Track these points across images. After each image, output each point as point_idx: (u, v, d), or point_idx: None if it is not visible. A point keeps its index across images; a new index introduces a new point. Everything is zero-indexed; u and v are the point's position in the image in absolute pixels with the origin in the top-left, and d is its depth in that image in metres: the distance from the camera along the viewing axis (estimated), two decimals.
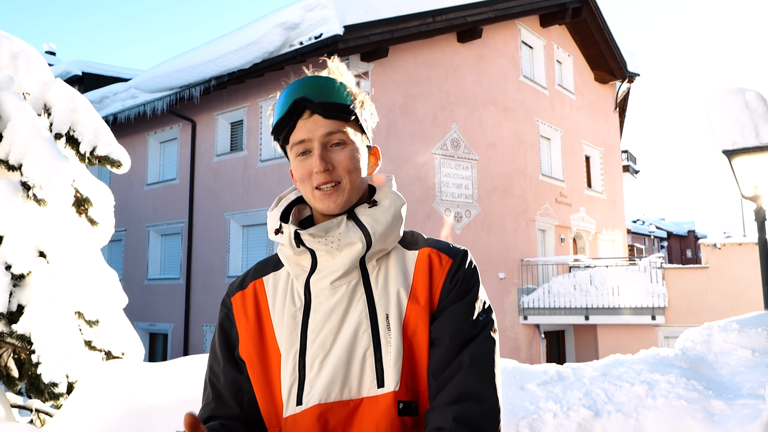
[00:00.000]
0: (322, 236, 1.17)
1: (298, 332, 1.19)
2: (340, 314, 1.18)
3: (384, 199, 1.24)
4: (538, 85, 17.19)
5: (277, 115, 1.22)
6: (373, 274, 1.21)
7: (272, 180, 13.36)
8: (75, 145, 4.71)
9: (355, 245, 1.18)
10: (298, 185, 1.23)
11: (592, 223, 19.11)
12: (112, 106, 15.78)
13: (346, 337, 1.16)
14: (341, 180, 1.18)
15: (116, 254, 16.46)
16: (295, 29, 12.10)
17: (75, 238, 4.53)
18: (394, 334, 1.15)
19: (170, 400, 3.39)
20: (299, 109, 1.17)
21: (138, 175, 16.28)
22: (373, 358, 1.15)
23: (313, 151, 1.17)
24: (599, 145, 20.30)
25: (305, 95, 1.17)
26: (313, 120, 1.18)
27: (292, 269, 1.24)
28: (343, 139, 1.19)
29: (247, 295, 1.28)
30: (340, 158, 1.18)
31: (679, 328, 14.09)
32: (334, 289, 1.19)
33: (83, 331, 4.33)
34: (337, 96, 1.19)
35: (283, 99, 1.21)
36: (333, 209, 1.18)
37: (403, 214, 1.25)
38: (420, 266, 1.22)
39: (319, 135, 1.17)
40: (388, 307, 1.17)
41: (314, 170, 1.16)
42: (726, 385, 4.68)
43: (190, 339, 14.49)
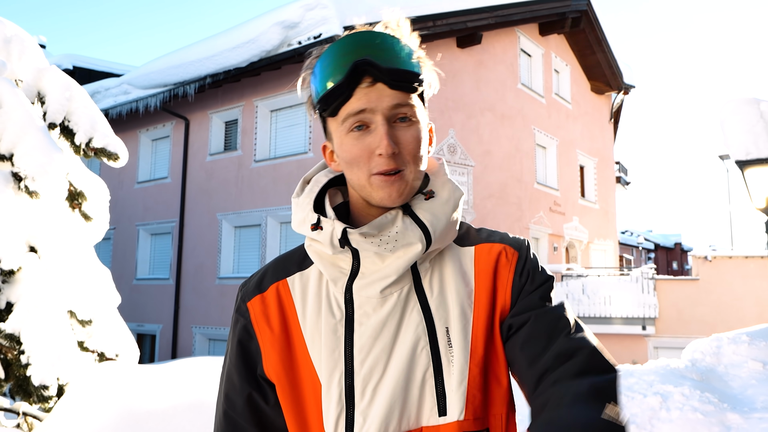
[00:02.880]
0: (375, 235, 0.96)
1: (341, 350, 0.98)
2: (393, 329, 0.97)
3: (442, 189, 1.03)
4: (535, 93, 17.13)
5: (326, 78, 0.96)
6: (426, 278, 1.01)
7: (266, 181, 13.16)
8: (70, 136, 4.52)
9: (413, 246, 0.97)
10: (344, 168, 1.00)
11: (584, 233, 19.07)
12: (104, 101, 15.52)
13: (402, 356, 0.96)
14: (406, 167, 0.96)
15: (105, 253, 16.18)
16: (294, 28, 11.94)
17: (68, 233, 4.33)
18: (457, 351, 0.96)
19: (168, 405, 3.20)
20: (359, 73, 0.93)
21: (129, 172, 16.02)
22: (434, 380, 0.96)
23: (375, 127, 0.94)
24: (594, 155, 20.29)
25: (368, 58, 0.93)
26: (376, 89, 0.94)
27: (328, 271, 1.02)
28: (410, 115, 0.96)
29: (268, 300, 1.05)
30: (407, 139, 0.96)
31: (669, 338, 14.11)
32: (384, 298, 0.98)
33: (75, 331, 4.13)
34: (405, 61, 0.96)
35: (335, 58, 0.95)
36: (395, 200, 0.96)
37: (461, 207, 1.04)
38: (481, 265, 1.03)
39: (385, 107, 0.94)
40: (447, 318, 0.98)
41: (377, 152, 0.94)
42: (738, 398, 4.58)
43: (179, 341, 14.23)
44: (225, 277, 13.62)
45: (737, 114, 5.73)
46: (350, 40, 0.96)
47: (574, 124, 19.20)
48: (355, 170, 0.97)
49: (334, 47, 0.96)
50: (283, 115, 13.52)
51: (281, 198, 12.79)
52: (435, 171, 1.07)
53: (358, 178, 0.97)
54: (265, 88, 13.33)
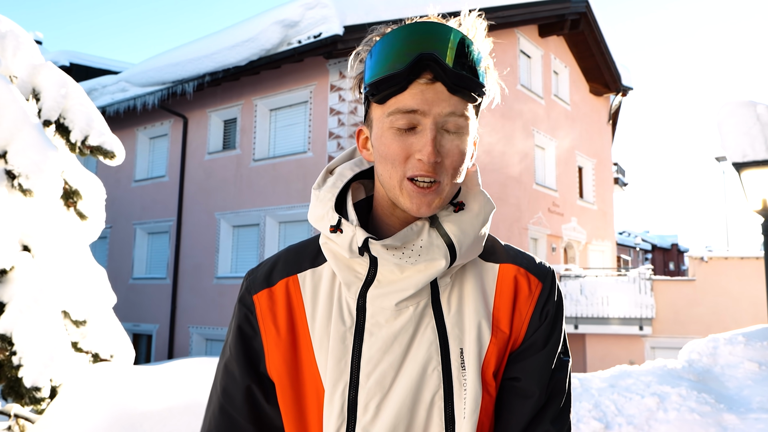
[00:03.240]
0: (398, 248, 0.91)
1: (348, 360, 0.92)
2: (405, 344, 0.92)
3: (473, 201, 0.97)
4: (534, 94, 17.11)
5: (384, 63, 0.88)
6: (444, 294, 0.95)
7: (265, 180, 13.11)
8: (65, 134, 4.46)
9: (437, 262, 0.91)
10: (378, 162, 0.93)
11: (582, 234, 19.05)
12: (101, 99, 15.44)
13: (411, 374, 0.91)
14: (443, 179, 0.89)
15: (101, 252, 16.10)
16: (294, 27, 11.88)
17: (62, 232, 4.28)
18: (471, 376, 0.91)
19: (163, 407, 3.15)
20: (420, 67, 0.86)
21: (126, 171, 15.95)
22: (442, 403, 0.90)
23: (421, 129, 0.87)
24: (592, 156, 20.28)
25: (435, 53, 0.85)
26: (434, 89, 0.86)
27: (342, 274, 0.95)
28: (462, 127, 0.89)
29: (276, 295, 0.99)
30: (453, 150, 0.89)
31: (665, 339, 14.16)
32: (399, 310, 0.93)
33: (69, 332, 4.07)
34: (472, 68, 0.88)
35: (399, 45, 0.87)
36: (423, 212, 0.89)
37: (489, 221, 0.98)
38: (503, 288, 0.98)
39: (438, 112, 0.87)
40: (462, 339, 0.93)
41: (417, 156, 0.87)
42: (735, 399, 4.58)
43: (176, 341, 14.17)
44: (223, 276, 13.57)
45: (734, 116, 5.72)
46: (419, 29, 0.88)
47: (572, 125, 19.19)
48: (389, 168, 0.90)
49: (400, 32, 0.88)
50: (282, 115, 13.47)
51: (280, 197, 12.74)
52: (468, 179, 1.00)
53: (390, 177, 0.90)
54: (265, 86, 13.28)
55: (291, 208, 12.52)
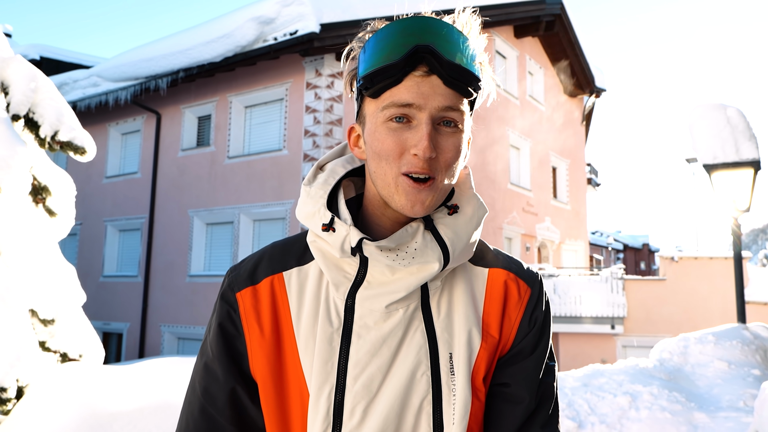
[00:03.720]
0: (392, 250, 0.89)
1: (334, 362, 0.90)
2: (393, 347, 0.90)
3: (467, 205, 0.95)
4: (509, 94, 17.23)
5: (379, 55, 0.86)
6: (434, 297, 0.94)
7: (240, 177, 13.00)
8: (34, 128, 4.36)
9: (430, 266, 0.89)
10: (370, 158, 0.91)
11: (556, 233, 19.25)
12: (72, 93, 15.15)
13: (399, 378, 0.89)
14: (437, 175, 0.87)
15: (70, 249, 15.82)
16: (270, 24, 11.79)
17: (31, 229, 4.19)
18: (460, 381, 0.90)
19: (133, 407, 3.10)
20: (416, 59, 0.84)
21: (97, 167, 15.68)
22: (431, 408, 0.89)
23: (418, 124, 0.85)
24: (566, 156, 20.50)
25: (432, 45, 0.84)
26: (429, 82, 0.85)
27: (330, 273, 0.93)
28: (458, 121, 0.88)
29: (260, 294, 0.95)
30: (448, 146, 0.87)
31: (637, 337, 14.38)
32: (389, 313, 0.91)
33: (37, 331, 3.99)
34: (467, 60, 0.87)
35: (394, 37, 0.86)
36: (417, 211, 0.87)
37: (482, 226, 0.96)
38: (493, 293, 0.97)
39: (434, 106, 0.85)
40: (452, 344, 0.92)
41: (412, 151, 0.85)
42: (704, 398, 4.67)
43: (147, 339, 13.99)
44: (196, 275, 13.43)
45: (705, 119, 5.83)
46: (415, 23, 0.87)
47: (547, 125, 19.38)
48: (382, 164, 0.88)
49: (395, 25, 0.87)
50: (257, 112, 13.37)
51: (254, 195, 12.65)
52: (461, 182, 0.99)
53: (384, 174, 0.88)
54: (240, 83, 13.16)
55: (266, 206, 12.44)
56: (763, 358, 5.36)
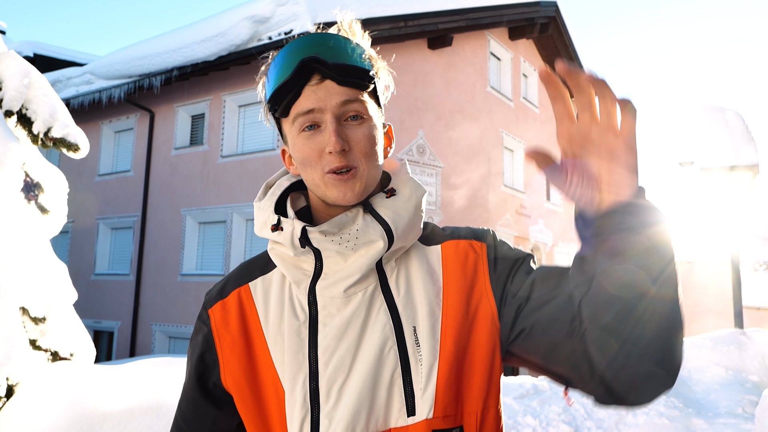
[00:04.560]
0: (335, 233, 0.95)
1: (305, 353, 0.95)
2: (358, 329, 0.95)
3: (403, 187, 1.02)
4: (504, 96, 17.25)
5: (276, 78, 0.96)
6: (392, 277, 0.99)
7: (233, 177, 12.95)
8: (27, 125, 4.33)
9: (375, 244, 0.95)
10: (299, 169, 0.99)
11: (549, 236, 19.28)
12: (65, 91, 15.07)
13: (368, 356, 0.93)
14: (358, 164, 0.95)
15: (62, 247, 15.72)
16: (265, 23, 11.77)
17: (23, 226, 4.15)
18: (426, 350, 0.94)
19: (124, 408, 3.07)
20: (307, 71, 0.93)
21: (89, 165, 15.59)
22: (402, 380, 0.93)
23: (325, 126, 0.94)
24: None
25: (316, 55, 0.93)
26: (324, 86, 0.94)
27: (290, 273, 0.99)
28: (361, 112, 0.96)
29: (229, 305, 1.03)
30: (358, 136, 0.95)
31: None
32: (348, 298, 0.96)
33: (28, 329, 3.95)
34: (354, 59, 0.96)
35: (284, 58, 0.96)
36: (350, 199, 0.95)
37: (424, 205, 1.03)
38: (449, 263, 1.02)
39: (333, 105, 0.93)
40: (414, 317, 0.96)
41: (327, 149, 0.93)
42: (702, 403, 4.64)
43: (138, 338, 13.91)
44: (188, 273, 13.37)
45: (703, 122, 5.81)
46: (300, 41, 0.96)
47: (541, 128, 19.42)
48: (309, 170, 0.96)
49: (285, 49, 0.97)
50: (251, 111, 13.33)
51: (247, 194, 12.60)
52: (396, 170, 1.07)
53: (313, 177, 0.96)
54: (234, 82, 13.12)
55: None
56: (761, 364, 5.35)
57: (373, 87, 0.99)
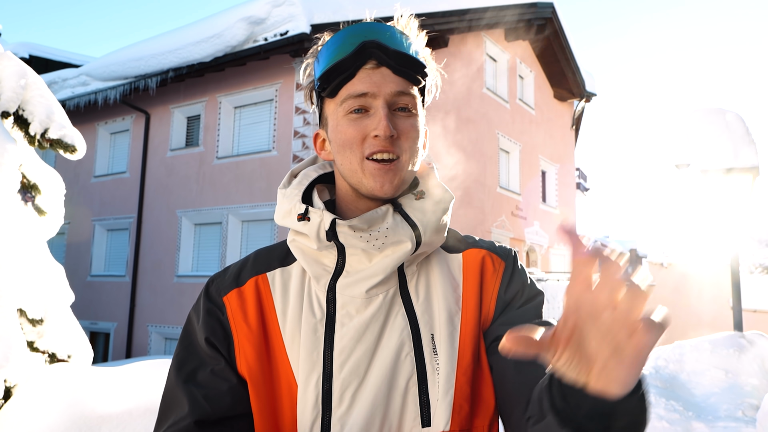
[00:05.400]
0: (365, 230, 0.92)
1: (320, 351, 0.92)
2: (376, 332, 0.92)
3: (433, 190, 1.00)
4: (500, 98, 17.27)
5: (330, 57, 0.94)
6: (412, 282, 0.97)
7: (228, 178, 12.94)
8: (24, 126, 4.31)
9: (403, 245, 0.93)
10: (336, 152, 0.96)
11: (545, 237, 19.31)
12: (61, 92, 15.03)
13: (384, 361, 0.91)
14: (401, 154, 0.93)
15: (58, 248, 15.67)
16: (261, 24, 11.75)
17: (19, 227, 4.14)
18: (443, 359, 0.91)
19: (122, 410, 3.06)
20: (365, 54, 0.92)
21: (85, 166, 15.55)
22: (417, 388, 0.91)
23: (375, 111, 0.92)
24: (555, 161, 20.57)
25: (377, 39, 0.92)
26: (380, 72, 0.93)
27: (311, 268, 0.97)
28: (412, 105, 0.95)
29: (246, 294, 0.98)
30: (406, 127, 0.94)
31: None
32: (369, 299, 0.93)
33: (25, 331, 3.93)
34: (411, 51, 0.95)
35: (342, 39, 0.94)
36: (387, 191, 0.92)
37: (450, 211, 1.01)
38: (469, 272, 1.00)
39: (387, 92, 0.92)
40: (432, 325, 0.94)
41: (373, 133, 0.91)
42: (702, 406, 4.62)
43: (134, 339, 13.88)
44: (183, 275, 13.34)
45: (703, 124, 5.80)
46: (359, 26, 0.96)
47: (537, 129, 19.44)
48: (347, 153, 0.94)
49: (342, 31, 0.96)
50: (247, 112, 13.31)
51: (243, 196, 12.59)
52: (425, 174, 1.04)
53: (350, 162, 0.93)
54: (229, 83, 13.10)
55: (254, 206, 12.38)
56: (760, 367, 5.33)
57: (423, 84, 0.98)
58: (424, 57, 0.98)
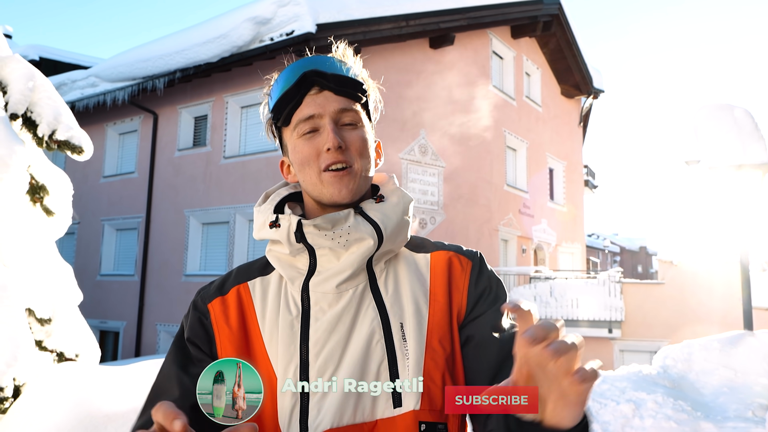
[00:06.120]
0: (329, 229, 1.02)
1: (296, 345, 1.01)
2: (348, 323, 1.01)
3: (391, 195, 1.11)
4: (506, 95, 17.24)
5: (279, 90, 1.07)
6: (381, 278, 1.07)
7: (235, 177, 13.00)
8: (32, 128, 4.36)
9: (365, 241, 1.02)
10: (297, 172, 1.08)
11: (552, 235, 19.26)
12: (71, 93, 15.13)
13: (356, 349, 0.99)
14: (353, 163, 1.04)
15: (68, 248, 15.80)
16: (266, 24, 11.79)
17: (28, 228, 4.19)
18: (412, 345, 1.00)
19: (128, 408, 3.10)
20: (308, 83, 1.05)
21: (94, 166, 15.66)
22: (388, 373, 0.99)
23: (323, 128, 1.04)
24: (562, 158, 20.51)
25: (316, 68, 1.05)
26: (323, 95, 1.05)
27: (286, 272, 1.07)
28: (356, 120, 1.07)
29: (228, 301, 1.09)
30: (353, 137, 1.06)
31: (634, 342, 14.29)
32: (340, 294, 1.03)
33: (34, 330, 3.98)
34: (349, 74, 1.08)
35: (286, 74, 1.07)
36: (344, 196, 1.03)
37: (411, 212, 1.11)
38: (436, 269, 1.09)
39: (332, 110, 1.05)
40: (402, 315, 1.03)
41: (325, 148, 1.02)
42: (710, 406, 4.58)
43: (143, 338, 13.98)
44: (191, 274, 13.42)
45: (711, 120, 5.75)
46: (301, 60, 1.08)
47: (543, 127, 19.38)
48: (306, 170, 1.05)
49: (287, 68, 1.08)
50: (253, 112, 13.36)
51: (250, 195, 12.65)
52: (384, 182, 1.16)
53: (310, 176, 1.04)
54: (236, 84, 13.15)
55: None
56: None
57: (365, 101, 1.09)
58: (362, 78, 1.10)
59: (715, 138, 5.70)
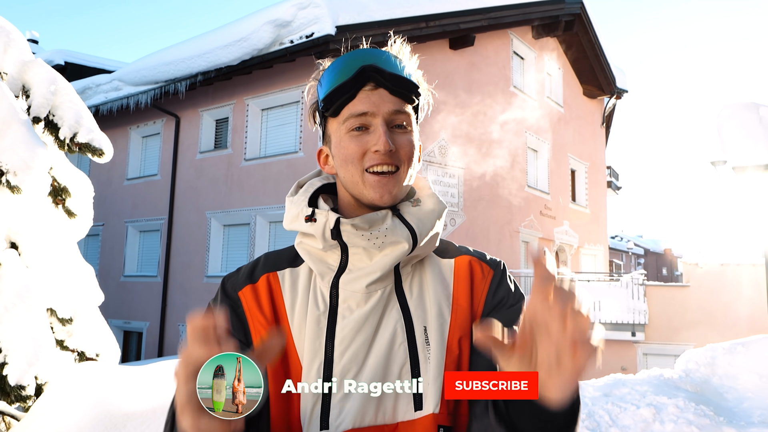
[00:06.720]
0: (366, 229, 1.01)
1: (322, 341, 1.00)
2: (374, 324, 1.01)
3: (427, 200, 1.11)
4: (527, 96, 17.12)
5: (333, 80, 1.04)
6: (406, 281, 1.06)
7: (256, 180, 13.08)
8: (54, 131, 4.43)
9: (400, 245, 1.02)
10: (339, 166, 1.06)
11: (575, 237, 19.08)
12: (95, 97, 15.38)
13: (380, 350, 0.99)
14: (400, 166, 1.03)
15: (92, 249, 16.03)
16: (286, 27, 11.86)
17: (50, 229, 4.25)
18: (434, 349, 1.00)
19: (147, 408, 3.13)
20: (365, 77, 1.02)
21: (118, 169, 15.89)
22: (410, 375, 0.99)
23: (374, 128, 1.02)
24: (585, 159, 20.31)
25: (374, 63, 1.03)
26: (378, 93, 1.03)
27: (316, 267, 1.05)
28: (407, 122, 1.06)
29: (259, 289, 1.07)
30: (403, 141, 1.04)
31: (658, 345, 14.08)
32: (368, 294, 1.02)
33: (55, 330, 4.05)
34: (404, 73, 1.06)
35: (343, 64, 1.05)
36: (386, 200, 1.02)
37: (443, 219, 1.11)
38: (459, 275, 1.09)
39: (386, 111, 1.03)
40: (425, 318, 1.03)
41: (373, 149, 1.01)
42: (734, 411, 4.49)
43: (166, 338, 14.13)
44: (213, 275, 13.53)
45: (735, 119, 5.64)
46: (358, 52, 1.06)
47: (565, 127, 19.21)
48: (349, 167, 1.03)
49: (342, 57, 1.06)
50: (274, 114, 13.45)
51: (271, 197, 12.72)
52: (421, 186, 1.15)
53: (352, 174, 1.03)
54: (257, 86, 13.25)
55: (281, 207, 12.49)
56: None
57: (417, 103, 1.07)
58: (416, 78, 1.08)
59: (740, 137, 5.59)
